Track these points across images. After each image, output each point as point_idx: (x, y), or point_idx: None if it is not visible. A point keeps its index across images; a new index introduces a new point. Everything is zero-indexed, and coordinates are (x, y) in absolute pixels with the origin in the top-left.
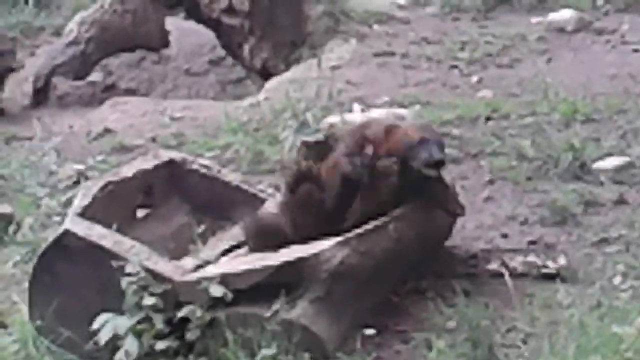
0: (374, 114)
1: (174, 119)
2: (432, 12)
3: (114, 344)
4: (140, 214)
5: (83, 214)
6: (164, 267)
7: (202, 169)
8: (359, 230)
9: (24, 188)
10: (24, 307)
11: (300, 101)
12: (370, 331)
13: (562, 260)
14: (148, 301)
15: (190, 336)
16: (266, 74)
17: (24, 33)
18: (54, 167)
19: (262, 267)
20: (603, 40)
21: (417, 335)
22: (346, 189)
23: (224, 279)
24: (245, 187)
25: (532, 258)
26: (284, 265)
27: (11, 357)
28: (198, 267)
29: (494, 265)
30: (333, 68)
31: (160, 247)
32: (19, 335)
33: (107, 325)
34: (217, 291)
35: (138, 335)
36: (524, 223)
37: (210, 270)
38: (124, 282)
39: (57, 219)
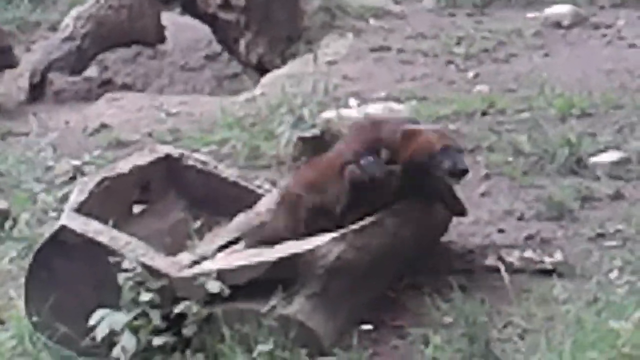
0: (371, 109)
1: (170, 114)
2: (429, 7)
3: (110, 339)
4: (136, 209)
5: (79, 209)
6: (161, 262)
7: (199, 165)
8: (355, 226)
9: (20, 183)
10: (20, 303)
11: (296, 96)
12: (367, 327)
13: (558, 256)
14: (145, 297)
15: (187, 332)
16: (262, 69)
17: (20, 28)
18: (50, 163)
19: (259, 263)
20: (599, 35)
21: (414, 330)
22: (355, 194)
23: (221, 275)
24: (242, 182)
25: (528, 253)
26: (281, 260)
27: (8, 353)
28: (195, 263)
29: (490, 261)
30: (329, 63)
31: (156, 243)
32: (16, 331)
33: (104, 321)
34: (213, 287)
35: (135, 331)
36: (521, 218)
37: (207, 266)
38: (120, 278)
39: (54, 215)
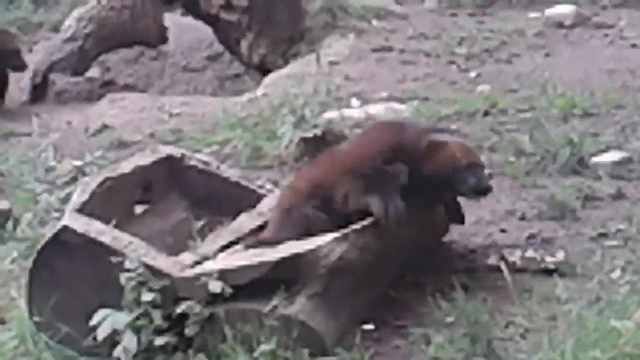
0: (372, 109)
1: (172, 115)
2: (430, 7)
3: (112, 339)
4: (138, 209)
5: (81, 209)
6: (163, 262)
7: (201, 165)
8: (357, 226)
9: (22, 184)
10: (22, 303)
11: (298, 97)
12: (369, 326)
13: (560, 255)
14: (147, 297)
15: (189, 332)
16: (264, 70)
17: (22, 29)
18: (52, 163)
19: (261, 263)
20: (601, 35)
21: (416, 330)
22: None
23: (223, 275)
24: (244, 182)
25: (530, 253)
26: (283, 260)
27: (10, 353)
28: (196, 263)
29: (492, 260)
30: (331, 63)
31: (158, 243)
32: (18, 331)
33: (106, 321)
34: (215, 287)
35: (137, 330)
36: (523, 218)
37: (209, 266)
38: (122, 278)
39: (56, 215)
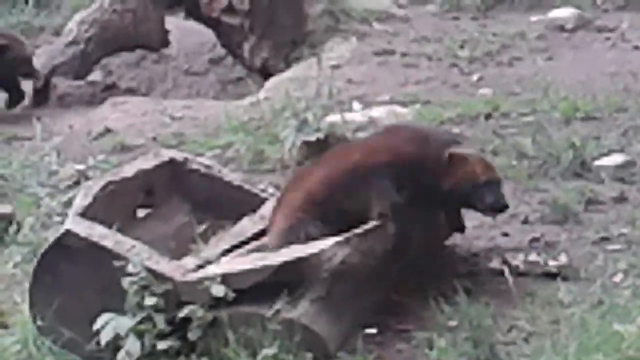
0: (375, 112)
1: (174, 119)
2: (432, 10)
3: (115, 344)
4: (141, 213)
5: (84, 214)
6: (165, 266)
7: (203, 169)
8: (360, 230)
9: (25, 188)
10: (25, 307)
11: (300, 100)
12: (372, 330)
13: (563, 259)
14: (149, 301)
15: (191, 336)
16: (266, 73)
17: (24, 33)
18: (54, 167)
19: (263, 267)
20: (603, 38)
21: (419, 334)
22: None
23: (225, 279)
24: (246, 186)
25: (533, 256)
26: (285, 264)
27: (12, 358)
28: (199, 267)
29: (495, 264)
30: (333, 67)
31: (161, 247)
32: (20, 335)
33: (109, 325)
34: (218, 291)
35: (139, 335)
36: (525, 221)
37: (212, 270)
38: (125, 282)
39: (58, 219)
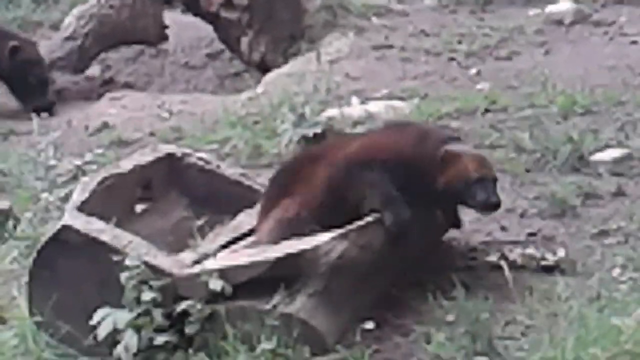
0: (373, 106)
1: (172, 113)
2: (430, 4)
3: (113, 338)
4: (139, 208)
5: (82, 208)
6: (163, 261)
7: (201, 163)
8: (358, 224)
9: (23, 183)
10: (23, 302)
11: (298, 95)
12: (370, 324)
13: (561, 253)
14: (147, 295)
15: (189, 330)
16: (264, 68)
17: (22, 28)
18: (52, 162)
19: (261, 261)
20: (601, 32)
21: (417, 328)
22: None
23: (223, 273)
24: (244, 181)
25: (531, 250)
26: (283, 258)
27: (11, 352)
28: (197, 262)
29: (493, 258)
30: (331, 61)
31: (159, 241)
32: (19, 330)
33: (107, 319)
34: (216, 285)
35: (137, 329)
36: (523, 215)
37: (210, 264)
38: (123, 277)
39: (56, 214)
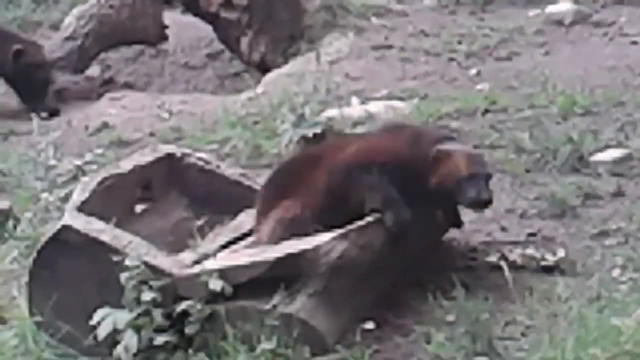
0: (372, 107)
1: (172, 113)
2: (430, 5)
3: (113, 338)
4: (138, 208)
5: (81, 208)
6: (163, 261)
7: (201, 163)
8: (358, 224)
9: (23, 183)
10: (23, 302)
11: (298, 95)
12: (370, 325)
13: (561, 253)
14: (147, 296)
15: (189, 330)
16: (264, 68)
17: (22, 28)
18: (52, 162)
19: (261, 261)
20: (601, 32)
21: (417, 328)
22: None
23: (223, 273)
24: (244, 181)
25: (531, 251)
26: (283, 258)
27: (11, 352)
28: (197, 262)
29: (493, 258)
30: (331, 62)
31: (159, 242)
32: (19, 330)
33: (107, 319)
34: (216, 285)
35: (137, 329)
36: (523, 216)
37: (209, 264)
38: (123, 277)
39: (56, 214)
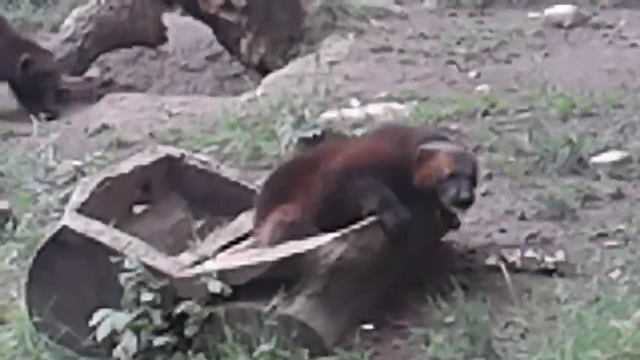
0: (372, 109)
1: (171, 115)
2: (430, 7)
3: (112, 339)
4: (138, 209)
5: (81, 210)
6: (162, 262)
7: (200, 165)
8: (357, 226)
9: (22, 184)
10: (22, 303)
11: (297, 97)
12: (369, 326)
13: (560, 255)
14: (146, 297)
15: (188, 332)
16: (264, 70)
17: (21, 29)
18: (51, 163)
19: (260, 263)
20: (600, 35)
21: (416, 330)
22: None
23: (222, 275)
24: (243, 182)
25: (530, 253)
26: (282, 260)
27: (9, 353)
28: (196, 263)
29: (492, 260)
30: (331, 63)
31: (158, 243)
32: (18, 331)
33: (105, 321)
34: (215, 287)
35: (136, 331)
36: (522, 218)
37: (209, 266)
38: (122, 278)
39: (55, 215)
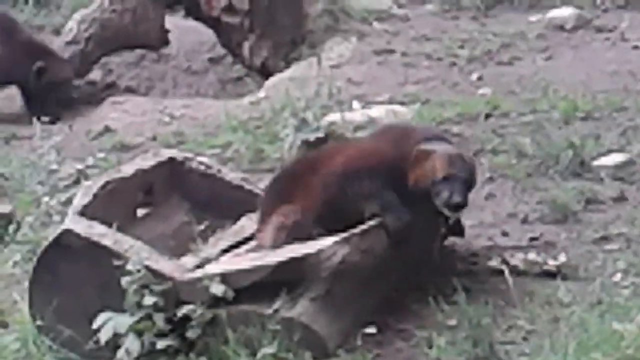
0: (374, 111)
1: (174, 118)
2: (432, 10)
3: (114, 342)
4: (140, 212)
5: (83, 212)
6: (165, 265)
7: (203, 168)
8: (360, 229)
9: (24, 187)
10: (24, 306)
11: (300, 99)
12: (371, 329)
13: (562, 258)
14: (149, 300)
15: (191, 335)
16: (266, 73)
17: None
18: (54, 166)
19: (263, 266)
20: (603, 37)
21: (418, 332)
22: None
23: (225, 277)
24: (246, 185)
25: (532, 255)
26: (285, 263)
27: (12, 356)
28: (198, 266)
29: (494, 263)
30: (333, 66)
31: (160, 246)
32: (20, 334)
33: (108, 324)
34: (217, 289)
35: (139, 334)
36: (525, 221)
37: (211, 269)
38: (124, 281)
39: (58, 218)
